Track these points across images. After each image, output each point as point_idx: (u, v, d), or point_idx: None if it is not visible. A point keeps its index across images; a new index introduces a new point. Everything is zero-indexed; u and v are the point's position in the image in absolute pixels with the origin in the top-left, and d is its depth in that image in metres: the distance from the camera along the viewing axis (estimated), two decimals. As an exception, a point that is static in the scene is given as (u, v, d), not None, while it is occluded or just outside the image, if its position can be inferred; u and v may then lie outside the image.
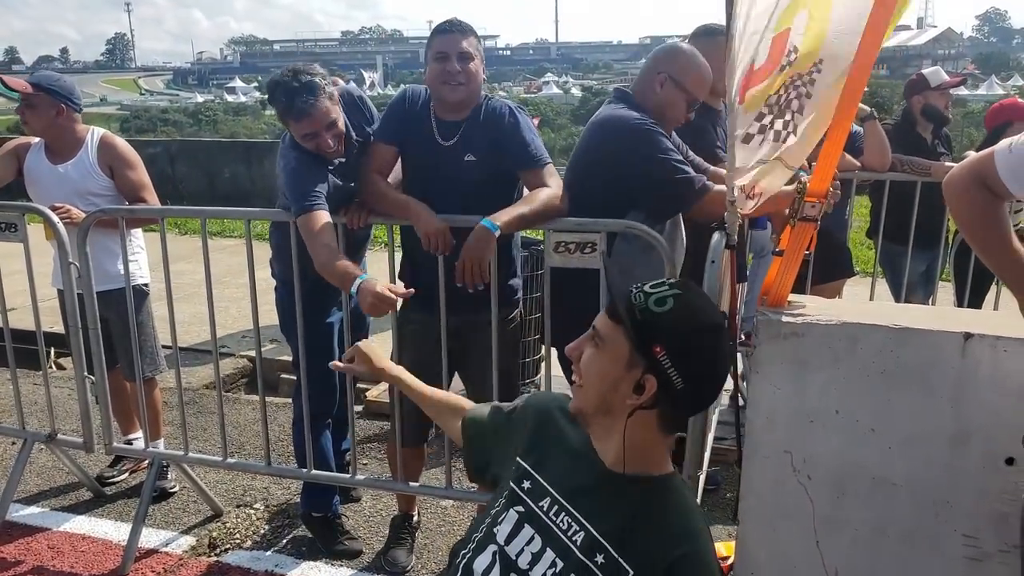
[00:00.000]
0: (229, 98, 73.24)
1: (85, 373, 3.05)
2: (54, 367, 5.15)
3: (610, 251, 2.48)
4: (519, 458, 1.47)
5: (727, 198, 2.03)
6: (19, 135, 3.45)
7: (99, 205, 3.15)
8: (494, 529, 1.42)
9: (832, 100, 1.87)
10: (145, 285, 3.39)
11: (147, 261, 3.43)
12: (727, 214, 2.09)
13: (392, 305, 2.38)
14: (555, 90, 72.13)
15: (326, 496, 3.06)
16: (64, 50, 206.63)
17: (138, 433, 3.47)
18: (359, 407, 4.20)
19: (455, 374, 2.84)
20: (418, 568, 2.93)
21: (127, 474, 3.58)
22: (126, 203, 3.26)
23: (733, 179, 1.99)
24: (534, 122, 2.73)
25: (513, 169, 2.60)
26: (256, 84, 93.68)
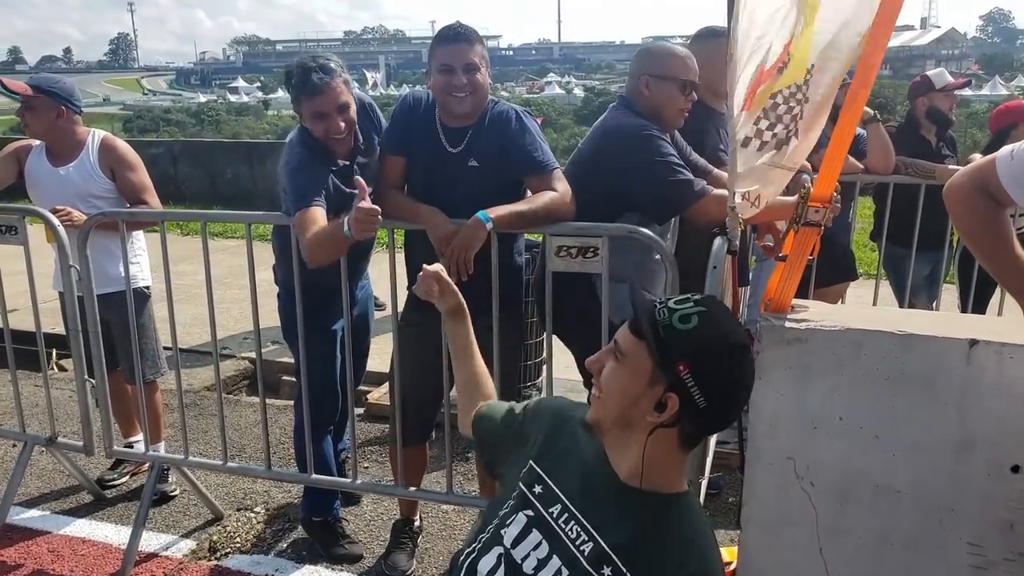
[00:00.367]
0: (232, 98, 73.31)
1: (86, 376, 3.05)
2: (56, 369, 5.14)
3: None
4: (532, 461, 1.46)
5: (728, 203, 2.02)
6: (22, 136, 3.44)
7: (100, 207, 3.15)
8: (501, 531, 1.40)
9: (830, 94, 1.86)
10: (146, 288, 3.38)
11: (148, 263, 3.43)
12: (728, 219, 2.07)
13: (377, 214, 2.28)
14: (558, 90, 72.13)
15: (327, 500, 3.05)
16: (67, 50, 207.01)
17: (139, 436, 3.46)
18: (360, 409, 4.19)
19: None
20: (419, 573, 2.92)
21: (128, 477, 3.58)
22: (127, 205, 3.25)
23: (735, 184, 1.97)
24: (537, 122, 2.72)
25: (519, 175, 2.59)
26: (259, 84, 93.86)
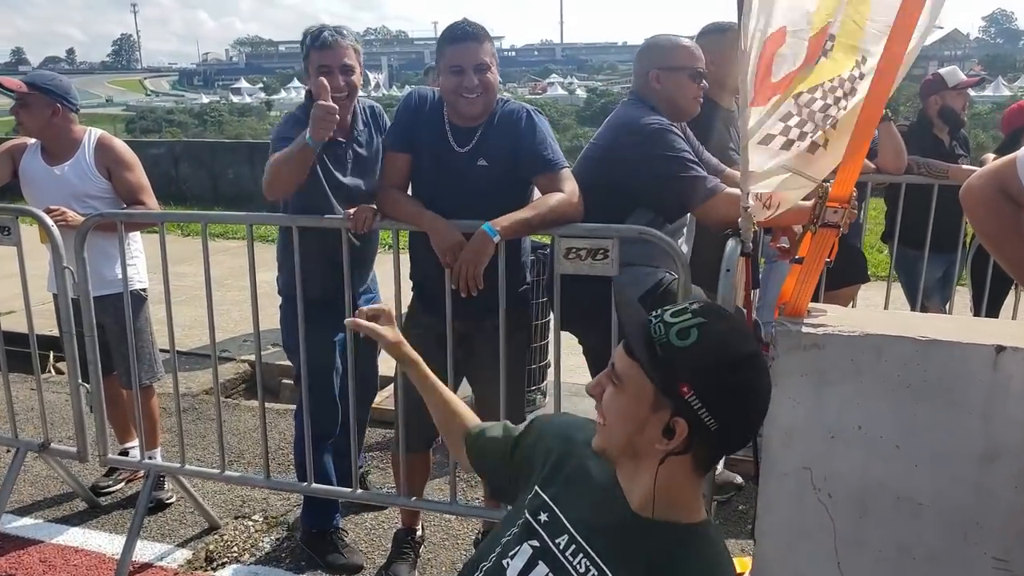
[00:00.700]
0: (234, 99, 73.36)
1: (80, 381, 2.98)
2: (53, 372, 5.08)
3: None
4: (538, 487, 1.36)
5: (741, 204, 1.95)
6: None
7: (97, 208, 3.09)
8: (504, 561, 1.32)
9: (875, 104, 1.78)
10: (143, 290, 3.32)
11: (145, 265, 3.36)
12: (741, 220, 2.01)
13: (335, 111, 2.33)
14: (560, 91, 72.15)
15: (327, 511, 2.98)
16: (70, 51, 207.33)
17: (135, 442, 3.40)
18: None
19: (462, 379, 2.77)
20: (421, 583, 2.85)
21: (123, 483, 3.50)
22: (124, 205, 3.19)
23: (747, 183, 1.91)
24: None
25: (529, 175, 2.53)
26: (261, 85, 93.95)
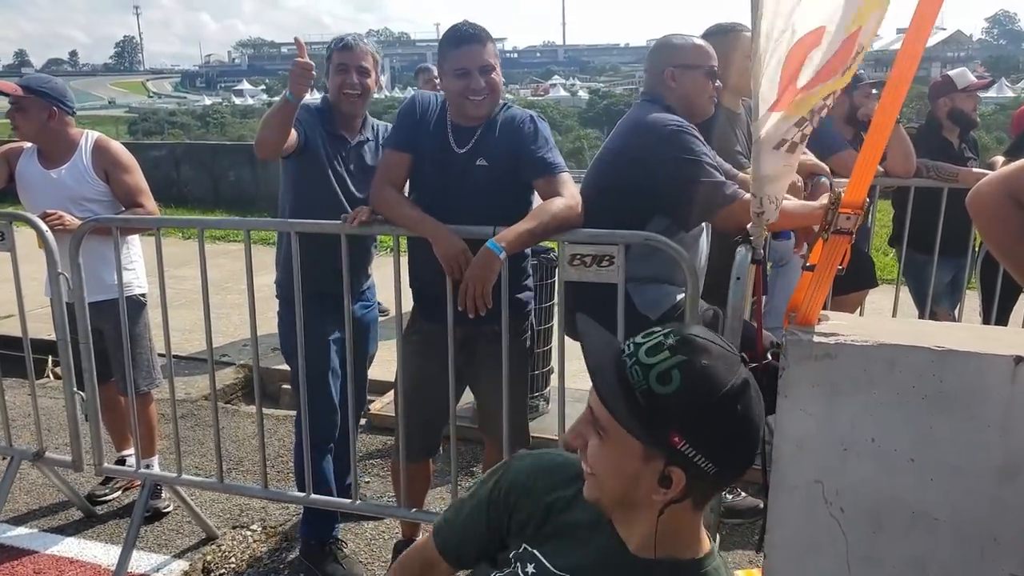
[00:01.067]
0: (237, 101, 73.55)
1: (75, 389, 2.93)
2: (52, 376, 5.03)
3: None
4: (525, 543, 1.27)
5: (753, 209, 1.90)
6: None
7: (95, 211, 3.06)
8: None
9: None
10: (142, 295, 3.27)
11: (144, 269, 3.31)
12: (751, 226, 1.96)
13: (311, 68, 2.43)
14: (562, 93, 72.23)
15: (326, 522, 2.93)
16: (73, 53, 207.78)
17: (132, 449, 3.35)
18: (362, 420, 4.07)
19: (464, 387, 2.73)
20: (422, 594, 2.80)
21: (120, 492, 3.46)
22: (123, 208, 3.15)
23: (760, 188, 1.86)
24: None
25: (528, 177, 2.49)
26: (264, 87, 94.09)
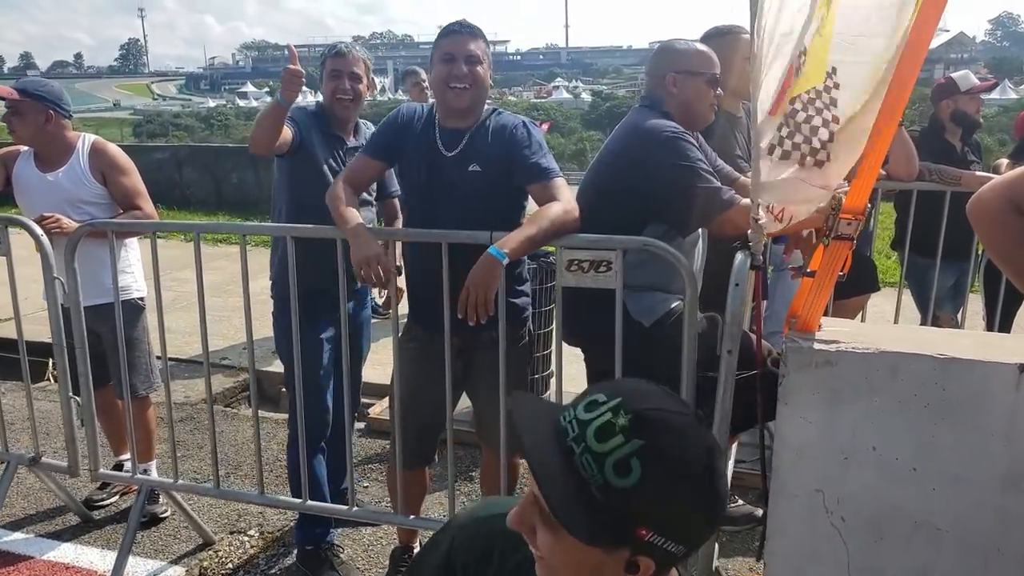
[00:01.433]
0: (241, 103, 73.61)
1: (71, 394, 2.91)
2: (52, 379, 5.01)
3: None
4: None
5: (751, 215, 1.87)
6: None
7: (92, 214, 3.05)
8: None
9: (864, 125, 1.70)
10: (140, 299, 3.26)
11: (143, 273, 3.30)
12: (750, 232, 1.93)
13: (301, 75, 2.50)
14: (565, 95, 72.09)
15: (321, 526, 2.90)
16: (78, 55, 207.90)
17: (129, 454, 3.33)
18: (360, 424, 4.05)
19: (461, 393, 2.71)
20: (419, 601, 2.77)
21: (117, 496, 3.44)
22: (120, 210, 3.13)
23: (758, 194, 1.83)
24: (545, 127, 2.59)
25: (522, 183, 2.46)
26: (268, 89, 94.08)
